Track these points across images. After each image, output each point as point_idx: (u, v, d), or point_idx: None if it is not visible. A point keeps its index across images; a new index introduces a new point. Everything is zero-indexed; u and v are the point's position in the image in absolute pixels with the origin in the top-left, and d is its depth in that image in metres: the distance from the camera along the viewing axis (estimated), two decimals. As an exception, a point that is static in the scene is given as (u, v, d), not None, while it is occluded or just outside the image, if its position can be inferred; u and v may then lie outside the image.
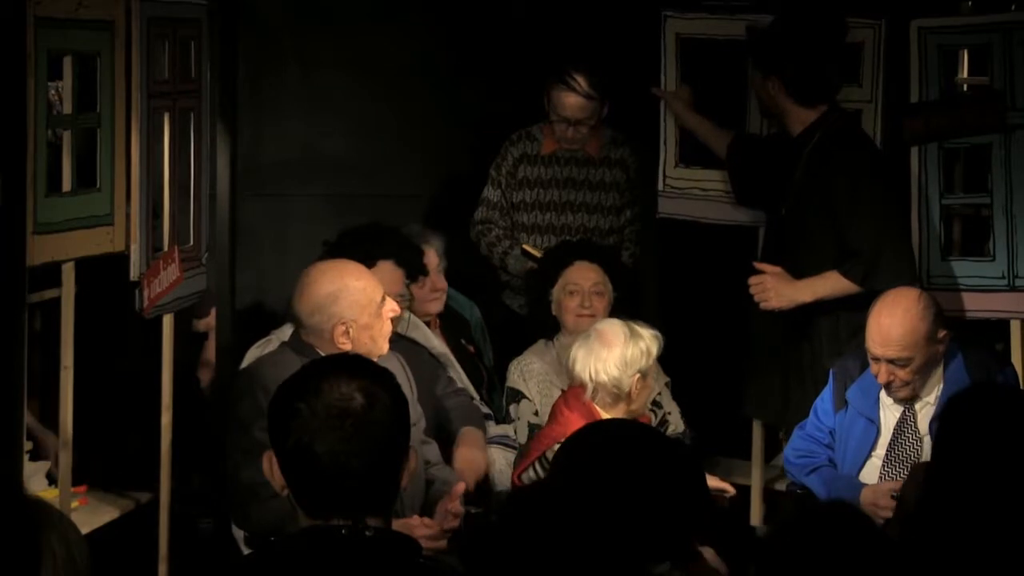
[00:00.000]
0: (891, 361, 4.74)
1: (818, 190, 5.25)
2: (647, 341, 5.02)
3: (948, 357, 4.82)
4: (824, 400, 5.02)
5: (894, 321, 4.74)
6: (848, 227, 5.18)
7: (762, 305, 5.30)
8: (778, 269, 5.28)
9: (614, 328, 5.05)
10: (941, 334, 4.77)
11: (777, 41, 5.37)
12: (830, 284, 5.20)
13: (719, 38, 5.74)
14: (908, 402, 4.84)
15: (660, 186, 5.95)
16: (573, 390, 5.03)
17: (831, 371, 5.02)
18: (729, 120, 5.78)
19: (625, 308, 5.71)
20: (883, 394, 4.85)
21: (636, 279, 6.20)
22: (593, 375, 4.96)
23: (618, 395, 4.97)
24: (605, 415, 4.94)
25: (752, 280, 5.33)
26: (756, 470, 5.80)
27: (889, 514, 4.65)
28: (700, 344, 6.51)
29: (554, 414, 5.05)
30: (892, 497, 4.68)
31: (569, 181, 6.34)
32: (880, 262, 5.14)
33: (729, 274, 5.59)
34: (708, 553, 3.84)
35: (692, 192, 5.89)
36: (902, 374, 4.74)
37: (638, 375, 4.98)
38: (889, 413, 4.86)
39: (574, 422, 4.86)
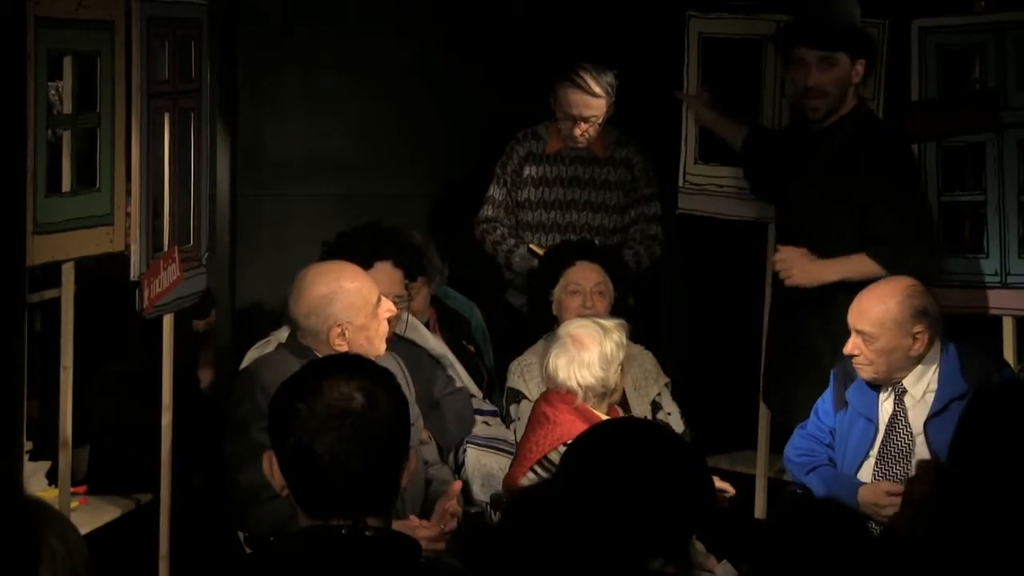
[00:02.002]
0: (859, 333, 4.76)
1: (844, 179, 5.21)
2: (617, 333, 5.04)
3: (944, 356, 4.82)
4: (825, 400, 5.03)
5: (873, 296, 4.78)
6: (877, 214, 5.14)
7: (787, 282, 5.27)
8: (803, 249, 5.26)
9: (586, 329, 5.05)
10: (917, 329, 4.74)
11: (859, 25, 5.34)
12: (855, 266, 5.17)
13: (737, 37, 5.75)
14: (894, 391, 4.82)
15: (680, 182, 5.97)
16: (556, 394, 5.02)
17: (832, 371, 5.02)
18: (746, 117, 5.79)
19: (626, 307, 5.75)
20: (882, 394, 4.86)
21: (639, 277, 6.23)
22: (581, 381, 4.97)
23: (604, 393, 4.99)
24: (597, 412, 4.95)
25: (777, 256, 5.31)
26: (761, 461, 5.82)
27: (891, 511, 4.65)
28: (711, 334, 6.55)
29: (542, 417, 5.00)
30: (888, 495, 4.69)
31: (574, 180, 6.36)
32: (908, 247, 5.13)
33: (741, 268, 5.60)
34: (722, 568, 3.85)
35: (710, 188, 5.91)
36: (867, 351, 4.76)
37: (620, 368, 5.00)
38: (884, 411, 4.86)
39: (570, 423, 4.89)
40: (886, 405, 4.85)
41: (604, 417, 4.93)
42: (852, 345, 4.79)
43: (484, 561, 2.86)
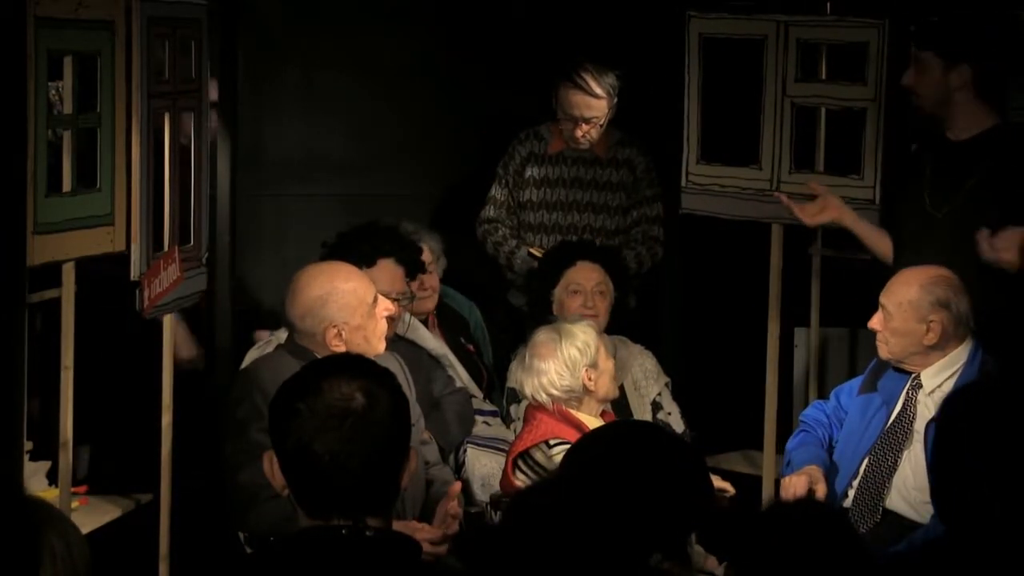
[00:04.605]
0: (883, 308, 4.80)
1: (998, 192, 5.00)
2: (581, 335, 5.02)
3: (970, 364, 4.78)
4: (852, 383, 5.04)
5: (903, 277, 4.81)
6: None
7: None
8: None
9: (544, 337, 5.05)
10: (932, 318, 4.73)
11: (974, 27, 5.14)
12: None
13: (737, 37, 5.74)
14: (911, 382, 4.82)
15: (683, 182, 5.96)
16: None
17: (876, 359, 4.99)
18: (746, 117, 5.77)
19: (628, 307, 5.75)
20: (908, 384, 4.84)
21: (643, 278, 6.24)
22: (544, 390, 4.97)
23: (578, 396, 4.99)
24: (578, 414, 4.96)
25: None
26: (768, 462, 5.81)
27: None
28: (712, 334, 6.55)
29: (531, 417, 5.04)
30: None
31: (576, 181, 6.36)
32: None
33: (742, 268, 5.57)
34: (723, 568, 3.84)
35: (713, 188, 5.90)
36: (885, 328, 4.79)
37: (587, 369, 4.99)
38: (900, 401, 4.85)
39: (552, 424, 4.92)
40: (903, 395, 4.85)
41: (585, 418, 4.95)
42: (875, 319, 4.83)
43: (484, 561, 2.86)
